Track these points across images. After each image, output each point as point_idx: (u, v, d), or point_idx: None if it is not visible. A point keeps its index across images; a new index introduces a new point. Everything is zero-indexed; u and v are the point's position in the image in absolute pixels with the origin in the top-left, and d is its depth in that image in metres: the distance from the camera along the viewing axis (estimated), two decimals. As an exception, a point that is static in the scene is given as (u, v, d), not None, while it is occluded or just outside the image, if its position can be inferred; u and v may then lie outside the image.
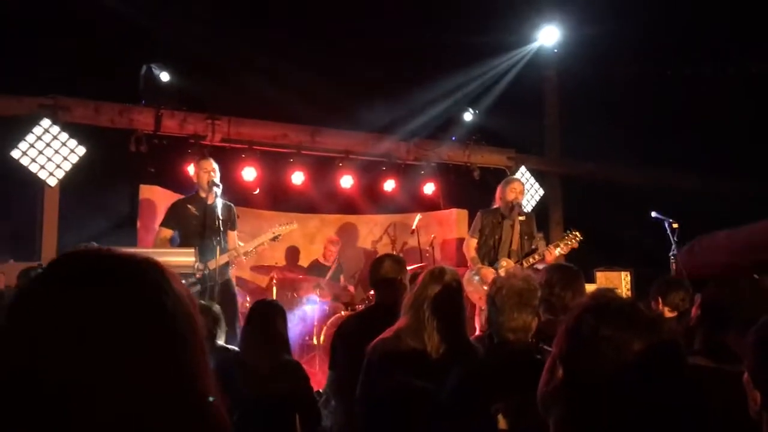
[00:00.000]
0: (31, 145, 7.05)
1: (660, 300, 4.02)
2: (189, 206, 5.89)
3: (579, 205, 9.48)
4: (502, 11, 9.27)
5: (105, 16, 7.28)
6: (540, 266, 5.84)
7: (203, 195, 5.91)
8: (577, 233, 6.44)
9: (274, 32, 8.03)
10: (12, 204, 7.36)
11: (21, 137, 7.01)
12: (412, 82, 8.79)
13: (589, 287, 6.34)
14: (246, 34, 7.82)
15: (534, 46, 10.10)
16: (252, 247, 6.05)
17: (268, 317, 3.85)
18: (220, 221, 5.65)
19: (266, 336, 3.76)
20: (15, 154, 7.00)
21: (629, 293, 8.12)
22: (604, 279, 8.27)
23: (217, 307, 4.15)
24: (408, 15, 9.28)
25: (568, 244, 6.38)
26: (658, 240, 7.03)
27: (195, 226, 5.77)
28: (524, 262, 6.19)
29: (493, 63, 9.73)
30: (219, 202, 5.75)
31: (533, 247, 6.48)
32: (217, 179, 5.85)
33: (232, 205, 6.17)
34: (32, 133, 7.06)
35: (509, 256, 6.30)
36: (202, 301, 4.52)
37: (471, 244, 6.50)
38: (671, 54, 9.74)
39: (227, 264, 5.81)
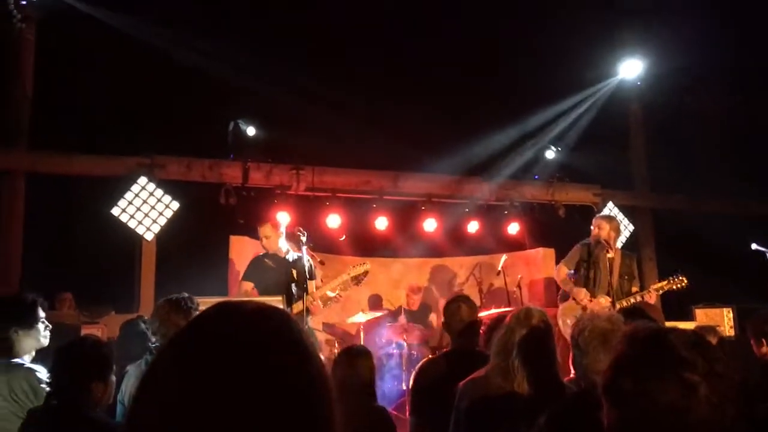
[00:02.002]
0: (130, 203, 7.46)
1: (764, 341, 3.78)
2: (267, 260, 6.15)
3: (671, 239, 9.12)
4: (580, 47, 9.19)
5: (192, 78, 7.70)
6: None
7: (277, 250, 6.18)
8: (683, 278, 6.20)
9: (353, 82, 8.23)
10: (112, 259, 7.76)
11: (120, 195, 7.42)
12: (493, 123, 8.80)
13: (688, 325, 6.06)
14: (326, 85, 8.06)
15: (615, 79, 9.95)
16: (329, 292, 6.15)
17: (354, 363, 3.85)
18: (300, 271, 5.83)
19: (352, 383, 3.77)
20: (115, 211, 7.41)
21: (732, 331, 7.69)
22: (704, 316, 7.88)
23: None
24: (486, 56, 9.33)
25: (673, 289, 6.18)
26: (761, 273, 6.67)
27: (273, 279, 5.98)
28: (619, 304, 5.99)
29: (574, 99, 9.63)
30: (294, 255, 5.94)
31: (633, 289, 6.30)
32: (277, 238, 6.02)
33: (311, 255, 6.32)
34: (130, 191, 7.47)
35: (608, 295, 6.13)
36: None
37: (562, 270, 6.57)
38: (758, 81, 9.36)
39: (307, 312, 5.92)
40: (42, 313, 3.48)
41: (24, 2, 7.45)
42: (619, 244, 8.50)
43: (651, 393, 1.30)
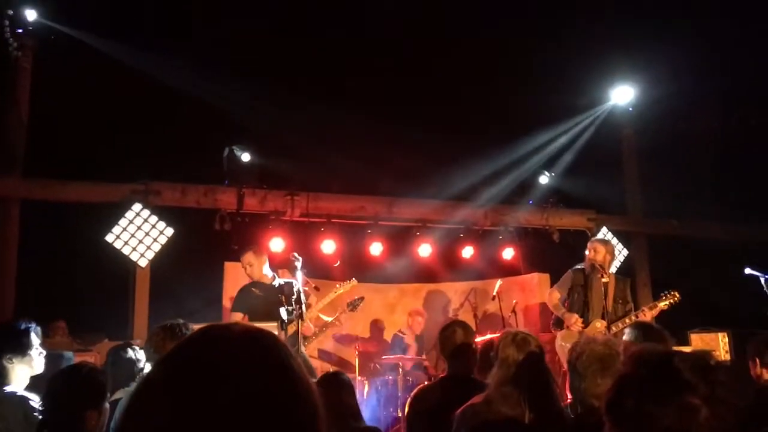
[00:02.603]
0: (124, 229, 7.44)
1: (758, 361, 3.78)
2: (253, 289, 6.12)
3: (666, 264, 9.15)
4: (572, 74, 9.30)
5: (187, 104, 7.75)
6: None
7: (263, 279, 6.12)
8: (675, 293, 6.20)
9: (347, 107, 8.29)
10: (106, 286, 7.73)
11: (114, 222, 7.41)
12: (487, 148, 8.86)
13: (683, 350, 6.05)
14: (320, 112, 8.12)
15: (608, 105, 10.05)
16: (320, 314, 6.13)
17: (332, 390, 3.81)
18: (290, 297, 5.80)
19: (334, 410, 3.73)
20: (109, 238, 7.39)
21: (728, 355, 7.68)
22: (699, 341, 7.86)
23: None
24: (479, 83, 9.43)
25: (665, 305, 6.16)
26: (755, 297, 6.68)
27: (261, 306, 5.95)
28: (615, 327, 5.99)
29: (566, 125, 9.72)
30: (281, 280, 5.93)
31: (626, 311, 6.28)
32: (260, 267, 6.05)
33: (294, 281, 6.30)
34: (125, 217, 7.46)
35: (603, 319, 6.12)
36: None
37: (554, 295, 6.50)
38: (750, 106, 9.47)
39: (299, 336, 5.89)
40: (36, 340, 3.45)
41: (20, 31, 7.50)
42: (613, 269, 8.54)
43: (652, 414, 1.31)
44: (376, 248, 8.64)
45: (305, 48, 8.89)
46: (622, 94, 9.96)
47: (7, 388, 3.30)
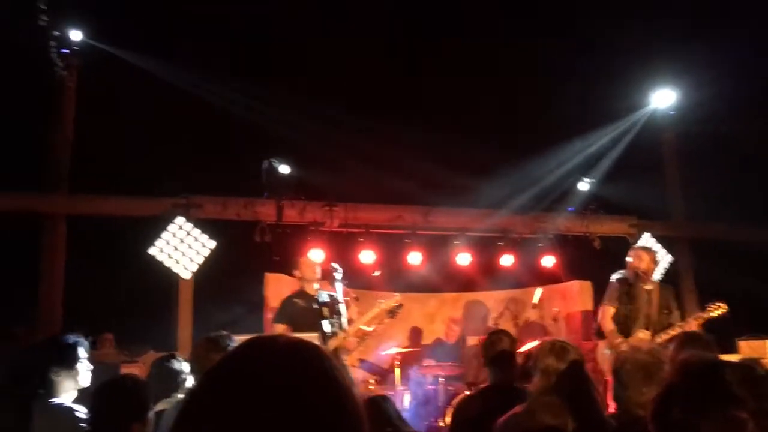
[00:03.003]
0: (167, 242, 7.58)
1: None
2: (297, 300, 6.16)
3: (712, 269, 8.93)
4: (611, 78, 9.19)
5: (226, 119, 7.88)
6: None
7: (308, 288, 6.15)
8: (722, 304, 6.01)
9: (383, 118, 8.33)
10: (151, 298, 7.87)
11: (157, 235, 7.55)
12: (525, 155, 8.80)
13: (732, 358, 5.90)
14: (357, 122, 8.17)
15: (648, 109, 9.90)
16: (360, 326, 6.14)
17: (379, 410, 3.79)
18: (333, 307, 5.84)
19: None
20: (153, 251, 7.53)
21: (779, 363, 7.46)
22: (748, 349, 7.64)
23: None
24: (517, 88, 9.38)
25: (712, 316, 5.98)
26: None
27: (305, 318, 5.99)
28: (659, 337, 5.86)
29: (606, 130, 9.59)
30: (324, 293, 5.97)
31: (671, 321, 6.13)
32: (318, 270, 6.09)
33: (346, 291, 6.33)
34: (168, 230, 7.59)
35: (647, 329, 5.98)
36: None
37: (608, 314, 6.16)
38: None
39: (341, 349, 5.91)
40: (83, 354, 3.52)
41: (66, 51, 7.72)
42: (658, 276, 8.37)
43: (698, 426, 1.28)
44: (414, 257, 8.64)
45: (341, 59, 8.96)
46: (663, 98, 9.80)
47: (55, 400, 3.38)
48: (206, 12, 8.51)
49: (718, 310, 5.97)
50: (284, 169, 8.24)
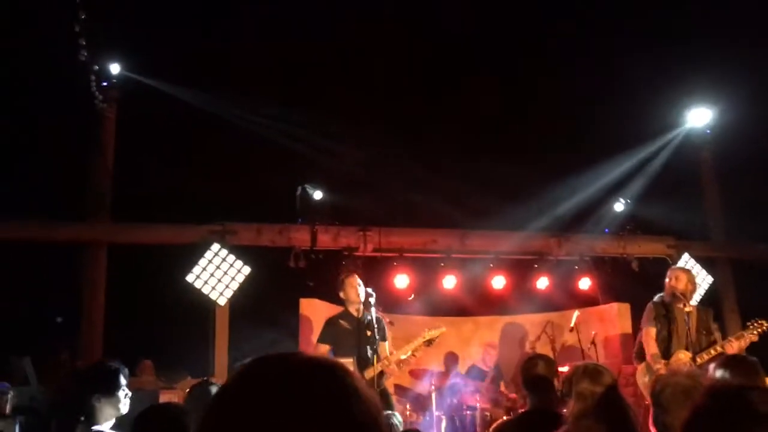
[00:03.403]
0: (204, 269, 7.67)
1: None
2: (341, 321, 6.16)
3: (754, 290, 8.72)
4: (647, 97, 9.12)
5: (260, 146, 8.01)
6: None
7: (352, 310, 6.15)
8: (763, 322, 5.88)
9: (415, 141, 8.38)
10: (188, 324, 7.96)
11: (194, 262, 7.66)
12: (561, 177, 8.75)
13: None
14: (391, 146, 8.22)
15: (684, 129, 9.79)
16: (404, 355, 6.10)
17: None
18: (373, 333, 5.83)
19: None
20: (190, 278, 7.63)
21: (828, 386, 7.22)
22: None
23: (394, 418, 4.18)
24: (552, 109, 9.35)
25: (752, 334, 5.84)
26: None
27: (348, 340, 5.99)
28: (700, 358, 5.74)
29: (642, 150, 9.50)
30: (369, 315, 5.95)
31: (711, 341, 6.00)
32: (362, 292, 6.08)
33: (381, 316, 6.32)
34: (204, 257, 7.69)
35: (687, 350, 5.86)
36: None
37: (651, 335, 6.04)
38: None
39: (382, 374, 5.89)
40: (123, 381, 3.58)
41: (105, 84, 7.96)
42: (697, 297, 8.20)
43: None
44: (449, 281, 8.60)
45: (374, 86, 9.05)
46: (698, 116, 9.69)
47: (96, 427, 3.44)
48: (239, 41, 8.70)
49: (760, 328, 5.83)
50: (318, 194, 8.33)
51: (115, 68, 8.01)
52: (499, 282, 8.77)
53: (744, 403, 1.31)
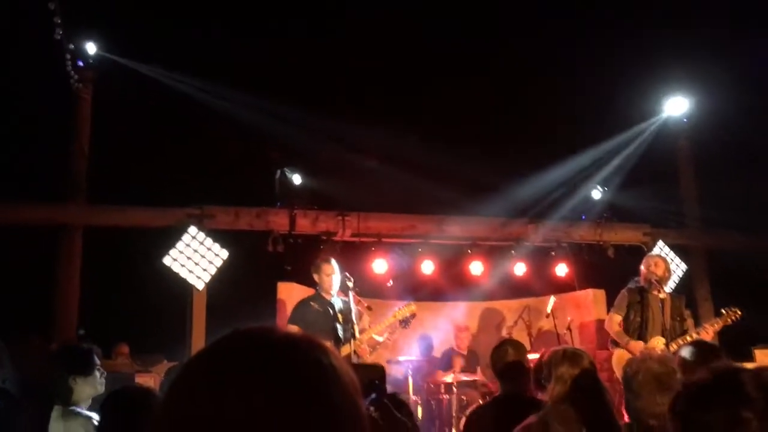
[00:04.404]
0: (181, 252, 7.62)
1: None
2: (312, 303, 6.17)
3: (728, 278, 8.87)
4: (624, 86, 9.18)
5: (238, 129, 7.95)
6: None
7: (324, 294, 6.16)
8: (737, 310, 6.01)
9: (395, 127, 8.36)
10: (164, 308, 7.92)
11: (171, 245, 7.60)
12: (538, 163, 8.80)
13: (748, 366, 5.84)
14: (369, 132, 8.20)
15: (661, 117, 9.86)
16: (380, 337, 6.14)
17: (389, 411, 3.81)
18: (345, 315, 5.86)
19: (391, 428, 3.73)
20: (167, 261, 7.58)
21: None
22: (764, 357, 7.58)
23: None
24: (530, 96, 9.38)
25: (726, 321, 5.97)
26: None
27: (319, 322, 6.00)
28: (675, 344, 5.84)
29: (620, 138, 9.56)
30: (339, 299, 5.97)
31: (684, 329, 6.12)
32: (337, 279, 6.07)
33: (358, 301, 6.34)
34: (181, 240, 7.64)
35: (662, 336, 5.97)
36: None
37: (614, 320, 6.27)
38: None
39: (354, 355, 5.93)
40: (98, 361, 3.57)
41: (81, 64, 7.83)
42: (672, 285, 8.32)
43: (706, 420, 1.33)
44: (427, 267, 8.64)
45: (354, 69, 9.01)
46: (676, 105, 9.76)
47: (72, 408, 3.42)
48: (218, 23, 8.61)
49: (733, 315, 5.95)
50: (297, 178, 8.29)
51: (91, 48, 7.88)
52: (476, 268, 8.82)
53: (737, 384, 1.36)
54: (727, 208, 9.01)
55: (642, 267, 6.36)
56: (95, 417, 3.31)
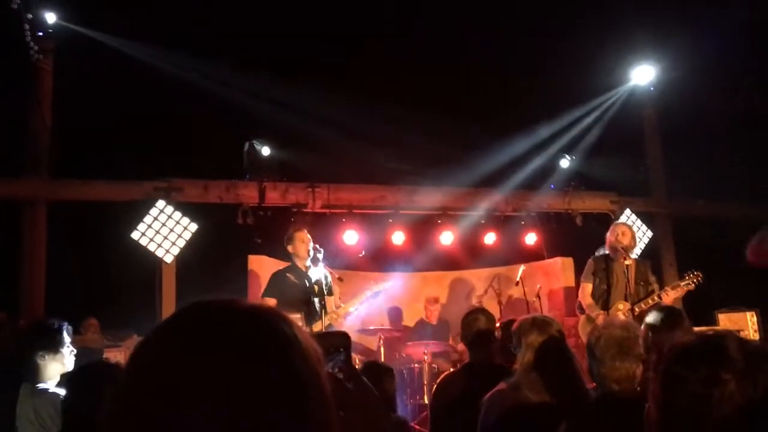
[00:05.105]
0: (149, 226, 7.54)
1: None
2: (288, 275, 6.16)
3: (692, 244, 9.04)
4: (591, 55, 9.19)
5: (205, 100, 7.82)
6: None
7: (300, 264, 6.15)
8: (698, 273, 6.15)
9: (364, 97, 8.30)
10: (133, 282, 7.85)
11: (139, 219, 7.52)
12: (506, 133, 8.81)
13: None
14: (338, 103, 8.13)
15: (628, 86, 9.92)
16: (351, 308, 6.17)
17: (379, 380, 3.86)
18: (320, 287, 5.86)
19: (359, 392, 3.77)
20: (135, 235, 7.50)
21: (756, 335, 7.60)
22: (727, 321, 7.78)
23: None
24: (497, 66, 9.35)
25: (688, 285, 6.11)
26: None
27: (295, 294, 6.00)
28: (638, 307, 5.97)
29: (587, 107, 9.62)
30: (315, 270, 5.96)
31: (649, 291, 6.25)
32: (311, 248, 6.09)
33: (330, 272, 6.34)
34: (149, 214, 7.56)
35: (626, 300, 6.10)
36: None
37: (586, 290, 6.39)
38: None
39: (330, 327, 5.95)
40: (67, 338, 3.54)
41: (40, 34, 7.61)
42: (638, 251, 8.47)
43: (685, 377, 1.38)
44: (398, 237, 8.67)
45: (321, 39, 8.90)
46: (642, 74, 9.81)
47: (40, 385, 3.40)
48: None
49: (695, 278, 6.08)
50: (266, 150, 8.23)
51: (50, 17, 7.64)
52: (447, 238, 8.88)
53: (721, 347, 1.40)
54: (692, 176, 9.15)
55: (608, 235, 6.46)
56: (63, 393, 3.29)
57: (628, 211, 9.28)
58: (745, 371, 1.34)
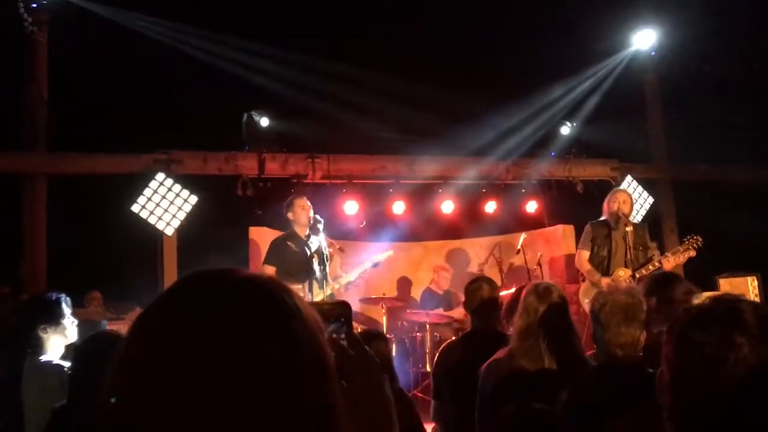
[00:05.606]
0: (149, 199, 7.53)
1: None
2: (289, 243, 6.13)
3: (693, 210, 9.02)
4: (592, 19, 9.08)
5: (204, 71, 7.75)
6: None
7: (300, 232, 6.12)
8: (698, 237, 6.15)
9: (364, 67, 8.21)
10: (135, 255, 7.86)
11: (139, 192, 7.50)
12: (506, 100, 8.74)
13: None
14: (337, 73, 8.06)
15: (629, 51, 9.82)
16: (353, 278, 6.17)
17: (369, 346, 3.86)
18: (321, 256, 5.84)
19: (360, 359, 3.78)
20: (135, 208, 7.49)
21: (758, 299, 7.62)
22: (728, 286, 7.79)
23: None
24: (497, 32, 9.25)
25: (688, 249, 6.10)
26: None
27: (296, 262, 5.98)
28: (638, 274, 5.98)
29: (587, 73, 9.53)
30: (316, 238, 5.94)
31: (649, 257, 6.25)
32: (311, 216, 6.07)
33: (330, 242, 6.33)
34: (149, 187, 7.54)
35: (626, 267, 6.10)
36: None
37: (583, 257, 6.39)
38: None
39: (332, 297, 5.95)
40: (67, 310, 3.55)
41: (35, 5, 7.51)
42: (639, 218, 8.47)
43: (700, 341, 1.39)
44: (398, 207, 8.66)
45: (320, 8, 8.78)
46: (644, 39, 9.70)
47: (43, 358, 3.41)
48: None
49: (695, 242, 6.08)
50: (265, 121, 8.18)
51: (44, -12, 7.55)
52: (447, 207, 8.86)
53: (736, 310, 1.40)
54: (693, 141, 9.10)
55: (607, 202, 6.43)
56: (67, 366, 3.31)
57: (629, 178, 9.25)
58: (760, 336, 1.35)
